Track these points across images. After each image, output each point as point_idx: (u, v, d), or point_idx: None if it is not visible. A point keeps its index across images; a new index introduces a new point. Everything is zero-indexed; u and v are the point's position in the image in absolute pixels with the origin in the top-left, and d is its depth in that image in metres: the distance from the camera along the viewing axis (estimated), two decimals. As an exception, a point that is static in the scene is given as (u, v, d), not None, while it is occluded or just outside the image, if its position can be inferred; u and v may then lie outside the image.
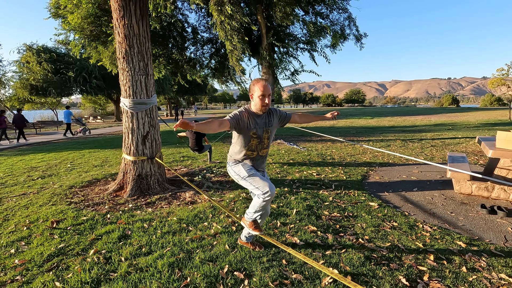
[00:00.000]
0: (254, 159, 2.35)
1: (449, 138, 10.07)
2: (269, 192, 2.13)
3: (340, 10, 8.92)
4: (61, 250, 2.68)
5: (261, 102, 2.18)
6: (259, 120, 2.26)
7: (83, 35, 7.54)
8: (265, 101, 2.18)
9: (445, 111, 33.44)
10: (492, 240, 2.79)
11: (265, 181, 2.17)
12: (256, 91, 2.17)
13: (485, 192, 4.00)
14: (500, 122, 16.61)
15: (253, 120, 2.24)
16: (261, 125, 2.27)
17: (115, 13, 4.10)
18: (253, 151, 2.31)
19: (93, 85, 24.34)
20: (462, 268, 2.28)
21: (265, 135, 2.31)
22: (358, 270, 2.27)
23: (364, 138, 10.93)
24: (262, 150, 2.35)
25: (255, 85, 2.19)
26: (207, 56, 10.10)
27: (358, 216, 3.37)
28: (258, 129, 2.26)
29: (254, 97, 2.21)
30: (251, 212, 2.40)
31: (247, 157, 2.33)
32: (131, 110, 4.25)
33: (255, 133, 2.24)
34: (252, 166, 2.35)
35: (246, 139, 2.25)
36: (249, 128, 2.23)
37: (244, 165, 2.31)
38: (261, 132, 2.28)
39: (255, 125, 2.25)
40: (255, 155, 2.33)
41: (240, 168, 2.30)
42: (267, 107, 2.21)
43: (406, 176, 5.16)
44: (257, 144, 2.30)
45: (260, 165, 2.41)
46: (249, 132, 2.23)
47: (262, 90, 2.15)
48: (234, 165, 2.36)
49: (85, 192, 4.52)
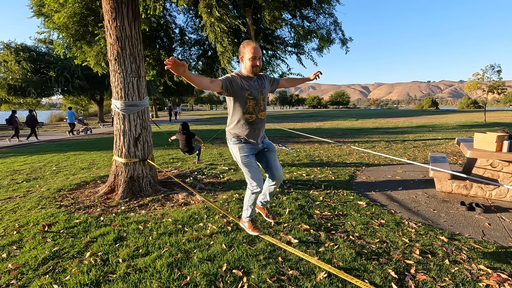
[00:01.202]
0: (254, 123, 2.29)
1: (430, 139, 10.52)
2: (257, 185, 2.28)
3: (327, 14, 9.16)
4: (55, 253, 2.65)
5: (251, 63, 2.17)
6: (251, 82, 2.26)
7: (68, 34, 7.38)
8: (256, 62, 2.17)
9: (426, 113, 34.69)
10: (471, 234, 3.00)
11: (256, 175, 2.31)
12: (247, 53, 2.16)
13: (464, 190, 4.25)
14: (476, 124, 17.46)
15: (246, 82, 2.23)
16: (255, 87, 2.26)
17: (107, 15, 4.08)
18: (251, 113, 2.26)
19: (76, 85, 23.66)
20: (445, 261, 2.45)
21: (260, 96, 2.30)
22: (350, 265, 2.40)
23: (350, 139, 11.23)
24: (260, 113, 2.32)
25: (246, 47, 2.17)
26: (195, 57, 10.10)
27: (348, 214, 3.52)
28: (253, 90, 2.24)
29: (245, 59, 2.19)
30: (245, 208, 2.49)
31: (246, 123, 2.27)
32: (123, 112, 4.24)
33: (250, 94, 2.22)
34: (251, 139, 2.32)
35: (242, 101, 2.22)
36: (243, 88, 2.20)
37: (242, 149, 2.31)
38: (256, 93, 2.26)
39: (249, 86, 2.23)
40: (254, 118, 2.28)
41: (237, 151, 2.31)
42: (258, 68, 2.20)
43: (391, 176, 5.39)
44: (254, 106, 2.27)
45: (260, 133, 2.37)
46: (244, 93, 2.20)
47: (253, 52, 2.14)
48: (233, 144, 2.34)
49: (75, 195, 4.45)
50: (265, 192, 2.63)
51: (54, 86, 23.06)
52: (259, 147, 2.42)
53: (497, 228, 3.13)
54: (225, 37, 6.19)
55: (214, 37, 6.14)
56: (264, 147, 2.45)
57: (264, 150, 2.46)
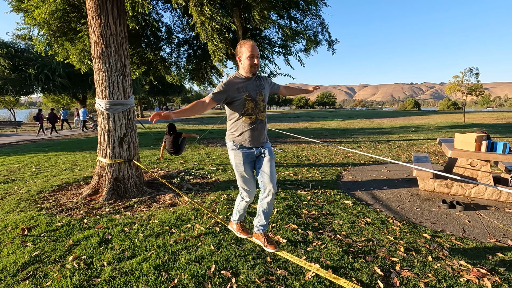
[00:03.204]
0: (253, 124, 2.19)
1: (413, 140, 10.82)
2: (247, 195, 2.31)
3: (314, 16, 9.26)
4: (36, 257, 2.55)
5: (250, 62, 2.10)
6: (250, 83, 2.19)
7: (49, 31, 7.13)
8: (254, 61, 2.11)
9: (409, 114, 35.68)
10: (453, 231, 3.11)
11: (248, 185, 2.29)
12: (245, 52, 2.10)
13: (445, 188, 4.40)
14: (456, 125, 18.12)
15: (244, 83, 2.16)
16: (253, 88, 2.19)
17: (91, 11, 3.96)
18: (250, 115, 2.17)
19: (57, 83, 22.82)
20: (428, 258, 2.52)
21: (260, 97, 2.22)
22: (338, 264, 2.43)
23: (336, 139, 11.40)
24: (260, 114, 2.22)
25: (243, 46, 2.11)
26: (184, 57, 9.98)
27: (335, 213, 3.57)
28: (251, 91, 2.17)
29: (243, 58, 2.13)
30: (235, 212, 2.46)
31: (246, 125, 2.17)
32: (108, 111, 4.13)
33: (248, 95, 2.15)
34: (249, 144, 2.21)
35: (241, 104, 2.14)
36: (241, 91, 2.13)
37: (237, 155, 2.22)
38: (254, 94, 2.18)
39: (246, 88, 2.15)
40: (253, 119, 2.19)
41: (233, 157, 2.25)
42: (256, 67, 2.14)
43: (376, 175, 5.51)
44: (253, 107, 2.18)
45: (261, 135, 2.26)
46: (242, 95, 2.13)
47: (251, 51, 2.09)
48: (230, 149, 2.27)
49: (56, 197, 4.30)
50: (259, 212, 2.36)
51: (33, 84, 22.17)
52: (257, 153, 2.27)
53: (477, 225, 3.26)
54: (216, 35, 6.14)
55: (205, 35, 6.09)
56: (261, 151, 2.30)
57: (260, 154, 2.31)
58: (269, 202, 2.28)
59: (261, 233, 2.43)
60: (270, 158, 2.29)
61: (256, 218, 2.42)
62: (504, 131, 14.02)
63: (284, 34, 8.60)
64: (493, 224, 3.30)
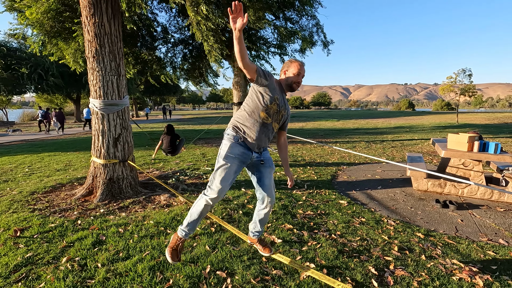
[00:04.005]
0: (266, 126, 2.08)
1: (407, 140, 10.93)
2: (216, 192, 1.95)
3: (309, 16, 9.30)
4: (29, 259, 2.52)
5: (294, 79, 2.10)
6: (282, 94, 2.14)
7: (43, 31, 7.04)
8: (299, 79, 2.12)
9: (403, 114, 36.01)
10: (446, 230, 3.15)
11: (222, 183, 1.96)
12: (292, 68, 2.12)
13: (438, 188, 4.45)
14: (450, 125, 18.34)
15: (279, 89, 2.11)
16: (282, 100, 2.13)
17: (84, 10, 3.93)
18: (269, 115, 2.06)
19: (50, 83, 22.61)
20: (422, 257, 2.55)
21: (282, 111, 2.15)
22: (332, 263, 2.44)
23: (331, 139, 11.46)
24: (275, 122, 2.13)
25: (293, 63, 2.14)
26: (179, 57, 9.95)
27: (330, 213, 3.59)
28: (280, 99, 2.10)
29: (288, 73, 2.13)
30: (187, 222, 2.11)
31: (260, 120, 2.05)
32: (102, 111, 4.10)
33: (278, 98, 2.07)
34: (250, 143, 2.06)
35: (270, 99, 2.03)
36: (275, 91, 2.06)
37: (232, 147, 2.03)
38: (282, 103, 2.12)
39: (279, 93, 2.09)
40: (269, 121, 2.08)
41: (225, 148, 2.04)
42: (298, 86, 2.12)
43: (371, 175, 5.55)
44: (275, 113, 2.09)
45: (266, 141, 2.15)
46: (274, 94, 2.04)
47: (299, 69, 2.11)
48: (227, 139, 2.09)
49: (50, 198, 4.25)
50: (255, 220, 2.35)
51: (26, 83, 21.93)
52: (253, 158, 2.12)
53: (469, 224, 3.30)
54: (211, 35, 6.13)
55: (201, 35, 6.07)
56: (260, 159, 2.15)
57: (259, 163, 2.16)
58: (266, 213, 2.29)
59: (255, 238, 2.45)
60: (271, 170, 2.22)
61: (252, 224, 2.42)
62: (496, 131, 14.23)
63: (279, 34, 8.62)
64: (485, 223, 3.35)
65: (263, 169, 2.19)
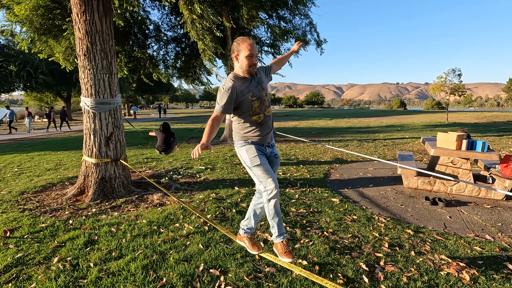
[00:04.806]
0: (263, 122, 2.18)
1: (398, 138, 11.09)
2: (274, 186, 2.05)
3: (302, 16, 9.35)
4: (19, 260, 2.49)
5: (248, 62, 2.03)
6: (250, 82, 2.14)
7: (32, 28, 6.91)
8: (253, 61, 2.04)
9: (395, 113, 36.46)
10: (434, 227, 3.22)
11: (270, 175, 2.09)
12: (243, 51, 2.02)
13: (428, 186, 4.55)
14: (440, 124, 18.67)
15: (245, 84, 2.11)
16: (254, 86, 2.15)
17: (75, 8, 3.88)
18: (258, 114, 2.15)
19: (40, 81, 22.20)
20: (411, 253, 2.61)
21: (263, 92, 2.19)
22: (324, 260, 2.48)
23: (324, 138, 11.55)
24: (266, 110, 2.20)
25: (241, 44, 2.03)
26: (172, 55, 9.88)
27: (322, 211, 3.63)
28: (254, 90, 2.12)
29: (240, 57, 2.05)
30: (272, 225, 2.19)
31: (255, 124, 2.15)
32: (93, 110, 4.06)
33: (253, 95, 2.11)
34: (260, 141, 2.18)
35: (248, 105, 2.10)
36: (245, 93, 2.09)
37: (250, 149, 2.15)
38: (257, 92, 2.14)
39: (249, 88, 2.11)
40: (262, 117, 2.17)
41: (245, 153, 2.16)
42: (255, 67, 2.09)
43: (363, 174, 5.63)
44: (260, 105, 2.15)
45: (269, 131, 2.24)
46: (247, 96, 2.09)
47: (249, 49, 2.01)
48: (240, 147, 2.20)
49: (40, 197, 4.19)
50: (249, 215, 2.38)
51: (14, 81, 21.49)
52: (267, 152, 2.25)
53: (457, 221, 3.39)
54: (207, 34, 6.12)
55: (196, 34, 6.05)
56: (274, 153, 2.31)
57: (274, 157, 2.31)
58: (263, 207, 2.32)
59: (247, 236, 2.44)
60: (277, 164, 2.34)
61: (245, 220, 2.43)
62: (484, 130, 14.54)
63: (273, 33, 8.65)
64: (473, 219, 3.44)
65: (272, 163, 2.30)
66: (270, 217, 2.19)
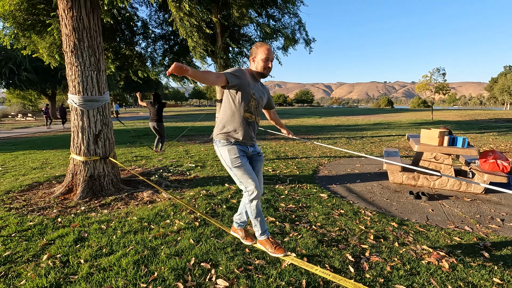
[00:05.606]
0: (251, 124, 2.17)
1: (385, 136, 11.35)
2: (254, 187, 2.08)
3: (291, 14, 9.42)
4: (7, 258, 2.47)
5: (264, 64, 2.11)
6: (256, 84, 2.19)
7: (15, 23, 6.72)
8: (268, 64, 2.12)
9: (382, 112, 37.17)
10: (417, 220, 3.36)
11: (251, 176, 2.10)
12: (260, 54, 2.10)
13: (412, 181, 4.71)
14: (425, 122, 19.17)
15: (252, 81, 2.15)
16: (258, 89, 2.20)
17: (62, 3, 3.82)
18: (252, 113, 2.14)
19: (23, 78, 21.54)
20: (395, 244, 2.73)
21: (261, 101, 2.22)
22: (312, 252, 2.56)
23: (314, 136, 11.71)
24: (258, 117, 2.22)
25: (259, 48, 2.12)
26: (160, 52, 9.78)
27: (311, 206, 3.72)
28: (256, 91, 2.17)
29: (257, 59, 2.12)
30: (254, 224, 2.25)
31: (245, 121, 2.12)
32: (81, 107, 4.01)
33: (254, 93, 2.13)
34: (244, 141, 2.16)
35: (247, 98, 2.08)
36: (249, 86, 2.10)
37: (232, 150, 2.12)
38: (258, 96, 2.17)
39: (254, 86, 2.15)
40: (253, 119, 2.16)
41: (227, 153, 2.12)
42: (269, 70, 2.15)
43: (351, 170, 5.77)
44: (256, 107, 2.16)
45: (253, 135, 2.25)
46: (249, 90, 2.09)
47: (266, 53, 2.09)
48: (222, 146, 2.15)
49: (27, 196, 4.12)
50: (241, 211, 2.43)
51: (-4, 78, 20.78)
52: (250, 151, 2.24)
53: (439, 214, 3.54)
54: (195, 31, 6.10)
55: (185, 31, 6.02)
56: (256, 152, 2.30)
57: (256, 155, 2.31)
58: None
59: (241, 228, 2.51)
60: (260, 161, 2.33)
61: (238, 215, 2.48)
62: (467, 127, 15.04)
63: (262, 32, 8.68)
64: (453, 212, 3.60)
65: (257, 162, 2.31)
66: (253, 216, 2.24)
